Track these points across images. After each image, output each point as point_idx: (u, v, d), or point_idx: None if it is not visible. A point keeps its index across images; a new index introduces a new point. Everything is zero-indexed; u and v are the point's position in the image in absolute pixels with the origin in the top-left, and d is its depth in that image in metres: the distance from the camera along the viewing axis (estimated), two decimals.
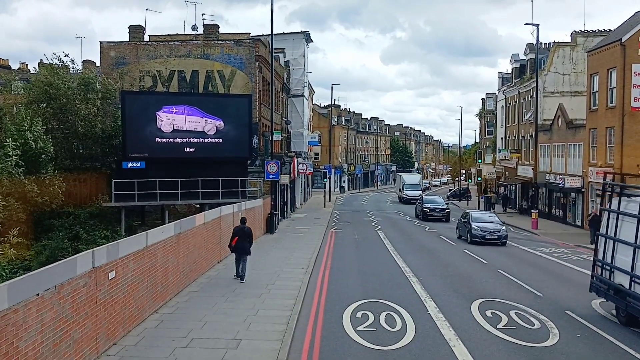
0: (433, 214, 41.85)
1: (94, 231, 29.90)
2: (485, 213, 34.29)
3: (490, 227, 29.35)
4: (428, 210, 42.19)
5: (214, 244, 19.95)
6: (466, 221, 30.73)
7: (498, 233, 28.97)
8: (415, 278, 18.89)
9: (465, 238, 30.15)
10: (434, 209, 42.42)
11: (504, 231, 29.40)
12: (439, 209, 42.61)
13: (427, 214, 42.00)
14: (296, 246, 26.40)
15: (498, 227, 29.54)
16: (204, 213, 18.57)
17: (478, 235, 28.88)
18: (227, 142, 31.59)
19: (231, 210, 22.95)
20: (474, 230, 29.23)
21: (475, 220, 30.21)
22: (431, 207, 42.74)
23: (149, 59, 37.88)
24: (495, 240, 28.68)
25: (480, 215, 32.39)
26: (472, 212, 32.13)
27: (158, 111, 30.65)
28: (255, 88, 36.30)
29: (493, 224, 29.90)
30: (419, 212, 43.81)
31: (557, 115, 42.68)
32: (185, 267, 16.16)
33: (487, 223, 29.86)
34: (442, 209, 42.72)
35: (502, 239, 28.91)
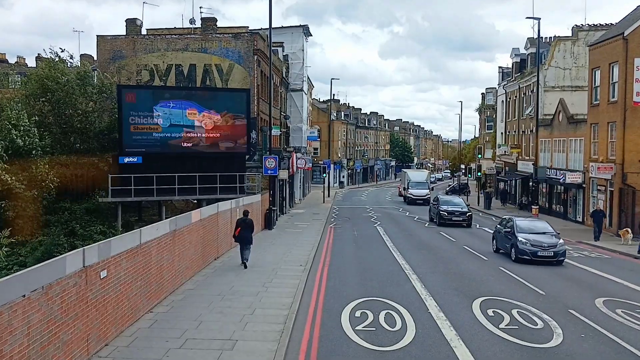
0: (452, 218, 35.47)
1: (90, 227, 29.61)
2: (534, 221, 25.76)
3: (544, 240, 22.12)
4: (446, 214, 35.60)
5: (211, 241, 19.63)
6: (509, 231, 23.37)
7: (554, 249, 21.69)
8: (415, 275, 18.59)
9: (507, 253, 23.37)
10: (453, 212, 35.75)
11: (561, 245, 22.10)
12: (459, 211, 36.00)
13: (444, 217, 35.55)
14: (295, 242, 26.10)
15: (553, 240, 22.34)
16: (201, 209, 18.26)
17: (527, 251, 21.75)
18: (225, 136, 31.28)
19: (229, 207, 22.63)
20: (521, 244, 21.97)
21: (522, 231, 22.80)
22: (449, 209, 35.99)
23: (146, 52, 37.49)
24: (550, 258, 21.62)
25: (529, 224, 24.16)
26: (517, 220, 24.10)
27: (155, 105, 30.35)
28: (253, 82, 35.94)
29: (546, 235, 22.67)
30: (434, 216, 37.37)
31: (558, 110, 42.33)
32: (181, 264, 15.85)
33: (539, 235, 22.55)
34: (463, 211, 36.12)
35: (559, 256, 21.77)
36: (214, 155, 31.11)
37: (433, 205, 38.70)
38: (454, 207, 36.53)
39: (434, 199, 39.81)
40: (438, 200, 37.89)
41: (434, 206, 38.21)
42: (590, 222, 35.84)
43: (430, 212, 38.99)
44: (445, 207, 36.18)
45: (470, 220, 35.85)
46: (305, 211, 45.21)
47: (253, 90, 35.62)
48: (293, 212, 44.40)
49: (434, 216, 37.57)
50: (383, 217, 41.30)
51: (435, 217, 37.04)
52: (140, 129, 30.23)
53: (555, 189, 43.51)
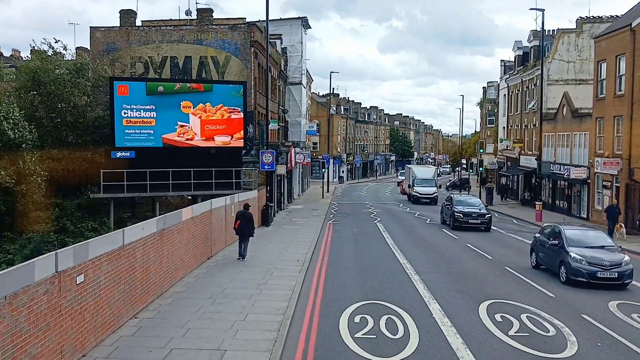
0: (468, 221, 30.91)
1: (81, 223, 28.80)
2: (588, 231, 19.82)
3: (605, 257, 17.05)
4: (461, 216, 31.00)
5: (204, 240, 18.76)
6: (557, 243, 18.26)
7: (618, 268, 16.76)
8: (417, 276, 17.72)
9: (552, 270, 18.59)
10: (470, 214, 31.15)
11: (626, 264, 17.04)
12: (476, 213, 31.33)
13: (459, 220, 30.98)
14: (292, 240, 25.24)
15: (615, 256, 17.35)
16: (192, 207, 17.37)
17: (583, 271, 16.72)
18: (221, 131, 30.37)
19: (223, 203, 21.76)
20: (574, 261, 17.01)
21: (574, 243, 17.87)
22: (465, 210, 31.40)
23: (141, 44, 36.56)
24: (614, 281, 16.71)
25: (582, 234, 18.82)
26: (565, 229, 18.90)
27: (148, 98, 29.42)
28: (250, 75, 35.03)
29: (606, 250, 17.68)
30: (447, 217, 32.70)
31: (562, 103, 41.41)
32: (169, 265, 14.98)
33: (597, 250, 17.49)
34: (481, 213, 31.45)
35: (625, 278, 16.83)
36: (209, 150, 30.21)
37: (446, 205, 33.73)
38: (471, 208, 31.90)
39: (447, 199, 34.96)
40: (452, 201, 33.21)
41: (446, 207, 33.43)
42: (595, 218, 35.08)
43: (443, 214, 34.24)
44: (461, 208, 31.55)
45: (489, 224, 31.36)
46: (304, 207, 44.35)
47: (250, 83, 34.73)
48: (291, 207, 43.54)
49: (446, 218, 33.01)
50: (383, 214, 40.44)
51: (448, 219, 32.43)
52: (133, 122, 29.33)
53: (559, 184, 42.64)
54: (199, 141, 30.03)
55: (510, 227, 34.31)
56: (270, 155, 30.17)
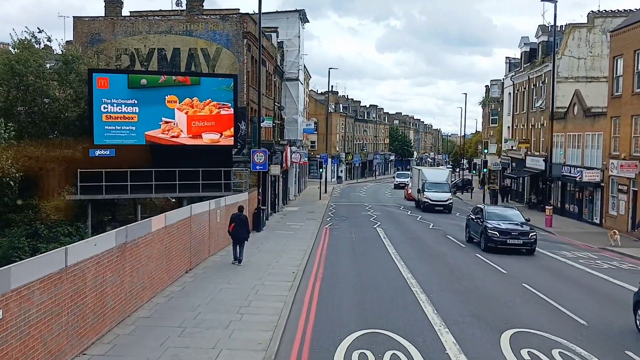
0: (507, 241, 23.12)
1: (56, 227, 26.46)
2: None
3: None
4: (496, 234, 23.20)
5: (181, 251, 16.50)
6: None
7: None
8: (425, 295, 15.45)
9: None
10: (508, 232, 23.32)
11: None
12: (517, 231, 23.49)
13: (494, 239, 23.22)
14: (284, 248, 22.98)
15: None
16: (165, 215, 15.08)
17: None
18: (209, 128, 28.12)
19: (206, 208, 19.48)
20: None
21: None
22: (502, 227, 23.63)
23: (127, 35, 34.24)
24: None
25: None
26: None
27: (130, 92, 27.15)
28: (243, 68, 32.72)
29: None
30: (476, 235, 25.20)
31: (573, 102, 39.17)
32: (134, 285, 12.72)
33: None
34: (524, 231, 23.55)
35: None
36: (196, 149, 27.97)
37: (474, 220, 25.98)
38: (509, 223, 24.12)
39: (474, 210, 26.98)
40: (482, 213, 25.21)
41: (474, 221, 25.83)
42: (609, 224, 32.86)
43: (469, 230, 26.72)
44: (495, 224, 23.91)
45: (534, 244, 23.45)
46: (300, 209, 42.11)
47: (242, 77, 32.45)
48: (286, 210, 41.28)
49: (474, 235, 25.61)
50: (383, 217, 38.19)
51: (478, 237, 24.88)
52: (113, 118, 27.05)
53: (568, 187, 40.39)
54: (185, 139, 27.75)
55: None
56: (263, 155, 27.92)
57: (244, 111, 31.98)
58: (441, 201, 42.37)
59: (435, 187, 43.37)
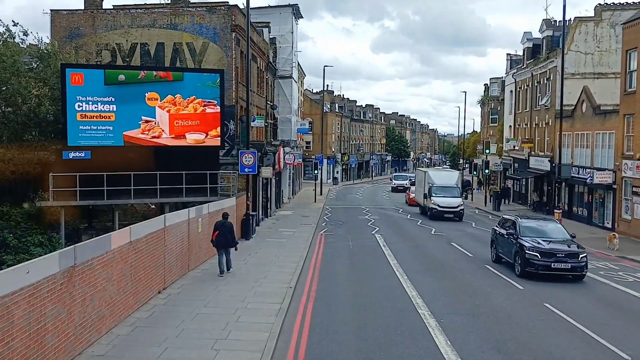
0: (551, 265, 18.37)
1: (26, 237, 24.20)
2: None
3: None
4: (537, 257, 18.42)
5: (152, 269, 14.30)
6: None
7: None
8: (434, 320, 13.30)
9: None
10: (552, 253, 18.52)
11: None
12: (565, 252, 18.70)
13: (535, 263, 18.44)
14: (274, 260, 20.82)
15: None
16: (131, 227, 12.88)
17: None
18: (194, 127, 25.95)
19: (184, 217, 17.30)
20: None
21: None
22: (546, 248, 18.63)
23: (108, 30, 32.06)
24: None
25: None
26: None
27: (107, 89, 24.94)
28: (231, 63, 30.56)
29: None
30: (508, 254, 20.54)
31: (581, 99, 37.13)
32: (88, 316, 10.54)
33: None
34: (572, 252, 18.75)
35: None
36: (179, 150, 25.78)
37: (504, 236, 21.21)
38: (551, 241, 19.17)
39: (504, 224, 22.07)
40: (515, 227, 20.39)
41: (504, 238, 21.08)
42: (623, 229, 30.83)
43: (496, 247, 21.91)
44: (534, 243, 18.96)
45: (585, 269, 18.72)
46: (294, 213, 39.95)
47: (231, 73, 30.31)
48: (280, 214, 39.12)
49: (505, 255, 20.90)
50: (382, 221, 36.06)
51: (510, 258, 20.16)
52: (89, 117, 24.80)
53: (576, 189, 38.32)
54: (167, 139, 25.55)
55: None
56: (252, 156, 25.76)
57: (233, 110, 29.86)
58: (451, 207, 37.56)
59: (443, 191, 38.54)
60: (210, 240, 18.19)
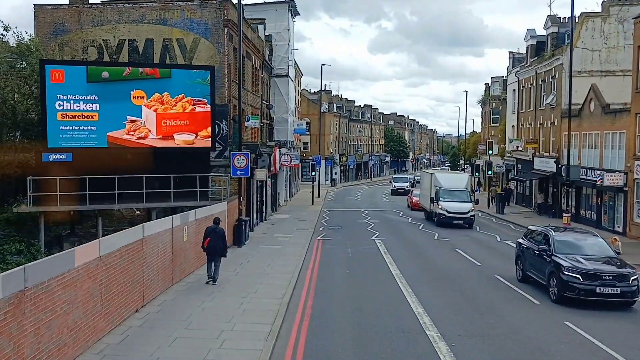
0: (596, 290, 15.20)
1: (4, 244, 22.74)
2: None
3: None
4: (578, 280, 15.31)
5: (127, 286, 12.76)
6: None
7: None
8: (444, 343, 11.79)
9: None
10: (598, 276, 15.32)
11: None
12: (613, 273, 15.45)
13: (576, 287, 15.32)
14: (267, 270, 19.30)
15: None
16: (100, 240, 11.34)
17: None
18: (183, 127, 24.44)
19: (167, 226, 15.76)
20: None
21: None
22: (588, 268, 15.48)
23: (94, 25, 30.49)
24: None
25: None
26: None
27: (90, 87, 23.44)
28: (223, 60, 29.02)
29: None
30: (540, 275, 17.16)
31: (589, 97, 35.63)
32: (43, 346, 9.01)
33: None
34: (621, 274, 15.40)
35: None
36: (167, 152, 24.28)
37: (534, 252, 17.68)
38: (594, 260, 16.03)
39: (533, 237, 18.49)
40: (549, 242, 17.02)
41: (534, 254, 17.59)
42: (635, 233, 29.38)
43: (523, 264, 18.48)
44: (574, 262, 15.76)
45: (637, 294, 15.49)
46: (290, 216, 38.43)
47: (223, 71, 28.77)
48: (275, 218, 37.59)
49: (536, 275, 17.44)
50: (382, 225, 34.55)
51: (543, 278, 16.78)
52: (70, 117, 23.34)
53: (584, 191, 36.82)
54: (155, 140, 24.05)
55: None
56: (244, 158, 24.22)
57: (226, 109, 28.32)
58: (461, 213, 34.16)
59: (452, 195, 35.18)
60: (202, 247, 17.16)
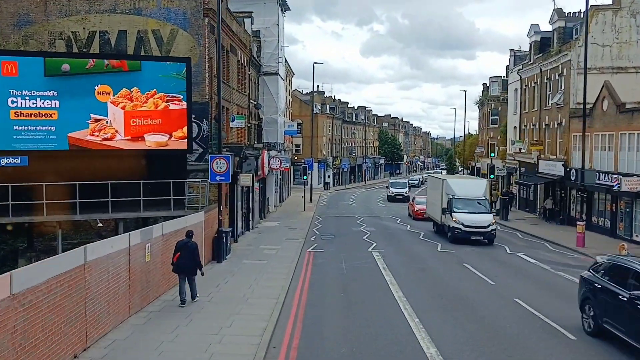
0: None
1: None
2: None
3: None
4: None
5: (61, 326, 9.89)
6: None
7: None
8: None
9: None
10: None
11: None
12: None
13: None
14: (247, 294, 16.46)
15: None
16: (12, 274, 8.43)
17: None
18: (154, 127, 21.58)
19: (123, 245, 12.90)
20: None
21: None
22: None
23: (62, 16, 27.61)
24: None
25: None
26: None
27: (48, 81, 20.56)
28: (204, 54, 26.21)
29: None
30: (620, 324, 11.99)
31: (602, 96, 33.03)
32: None
33: None
34: None
35: None
36: (137, 155, 21.43)
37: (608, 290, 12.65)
38: None
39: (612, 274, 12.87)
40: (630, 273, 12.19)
41: (625, 303, 11.83)
42: None
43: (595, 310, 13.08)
44: None
45: None
46: (280, 224, 35.63)
47: (204, 65, 25.99)
48: (263, 226, 34.75)
49: (619, 328, 12.05)
50: (379, 234, 31.79)
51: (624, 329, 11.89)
52: (25, 115, 20.40)
53: (596, 196, 34.15)
54: (122, 142, 21.15)
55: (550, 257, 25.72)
56: (225, 162, 21.39)
57: (207, 107, 25.51)
58: (480, 227, 28.18)
59: (469, 205, 29.35)
60: (171, 263, 15.26)
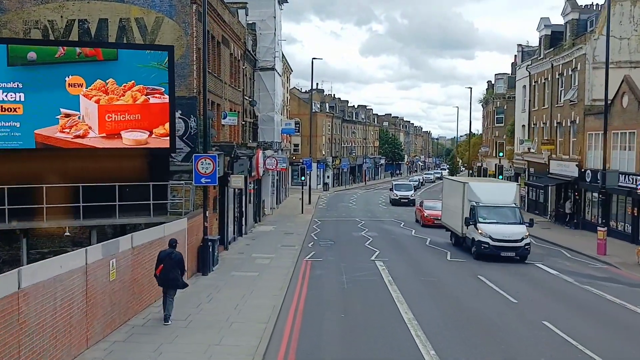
0: None
1: None
2: None
3: None
4: None
5: None
6: None
7: None
8: None
9: None
10: None
11: None
12: None
13: None
14: (232, 315, 14.16)
15: None
16: None
17: None
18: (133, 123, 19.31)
19: (78, 263, 10.60)
20: None
21: None
22: None
23: (38, 3, 25.28)
24: None
25: None
26: None
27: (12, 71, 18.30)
28: (192, 43, 23.91)
29: None
30: None
31: (621, 91, 30.77)
32: None
33: None
34: None
35: None
36: (113, 154, 19.15)
37: None
38: None
39: None
40: None
41: None
42: None
43: None
44: None
45: None
46: (275, 228, 33.36)
47: (191, 56, 23.70)
48: (258, 230, 32.46)
49: None
50: (382, 240, 29.52)
51: None
52: None
53: (614, 199, 31.85)
54: (96, 139, 18.87)
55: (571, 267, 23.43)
56: (211, 162, 19.09)
57: (195, 102, 23.19)
58: (512, 241, 23.66)
59: (496, 214, 24.65)
60: (154, 275, 13.69)
